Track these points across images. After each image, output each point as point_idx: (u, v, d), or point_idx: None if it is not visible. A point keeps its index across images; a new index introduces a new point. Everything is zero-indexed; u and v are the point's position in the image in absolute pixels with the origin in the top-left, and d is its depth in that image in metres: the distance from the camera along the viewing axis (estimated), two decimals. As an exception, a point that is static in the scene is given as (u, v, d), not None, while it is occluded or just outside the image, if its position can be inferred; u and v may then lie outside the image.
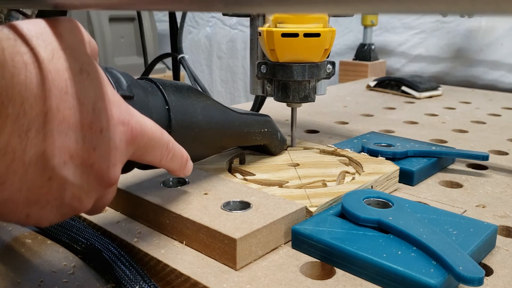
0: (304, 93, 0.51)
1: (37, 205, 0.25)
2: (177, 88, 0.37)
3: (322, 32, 0.49)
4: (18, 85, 0.22)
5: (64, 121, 0.24)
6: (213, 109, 0.40)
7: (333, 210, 0.39)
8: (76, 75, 0.25)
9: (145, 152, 0.30)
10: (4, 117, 0.21)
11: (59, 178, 0.25)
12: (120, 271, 0.32)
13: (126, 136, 0.28)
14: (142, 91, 0.33)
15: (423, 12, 0.13)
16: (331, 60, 0.53)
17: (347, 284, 0.31)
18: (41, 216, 0.26)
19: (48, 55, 0.24)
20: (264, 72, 0.52)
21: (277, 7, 0.19)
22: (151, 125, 0.30)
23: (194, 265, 0.33)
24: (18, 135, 0.22)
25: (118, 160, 0.28)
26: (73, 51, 0.26)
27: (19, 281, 0.33)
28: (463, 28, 1.22)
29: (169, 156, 0.32)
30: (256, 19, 0.54)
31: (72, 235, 0.36)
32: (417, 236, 0.33)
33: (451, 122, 0.78)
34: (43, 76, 0.23)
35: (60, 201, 0.26)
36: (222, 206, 0.37)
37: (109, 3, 0.26)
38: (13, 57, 0.22)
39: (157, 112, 0.34)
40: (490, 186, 0.49)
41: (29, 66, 0.23)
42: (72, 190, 0.26)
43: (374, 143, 0.55)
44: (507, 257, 0.36)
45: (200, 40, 1.90)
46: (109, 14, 1.61)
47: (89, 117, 0.25)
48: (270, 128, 0.49)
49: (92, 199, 0.28)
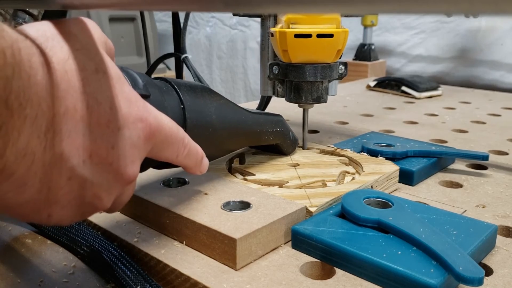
0: (317, 94, 0.51)
1: (58, 205, 0.25)
2: (191, 88, 0.37)
3: (335, 32, 0.49)
4: (35, 85, 0.22)
5: (81, 120, 0.24)
6: (226, 109, 0.40)
7: (333, 210, 0.39)
8: (92, 75, 0.25)
9: (162, 149, 0.30)
10: (22, 118, 0.21)
11: (79, 177, 0.25)
12: (121, 272, 0.32)
13: (144, 132, 0.28)
14: (158, 91, 0.34)
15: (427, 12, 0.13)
16: (343, 61, 0.52)
17: (347, 284, 0.31)
18: (63, 216, 0.26)
19: (64, 56, 0.24)
20: (276, 73, 0.52)
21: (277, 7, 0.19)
22: (167, 121, 0.30)
23: (194, 265, 0.33)
24: (37, 136, 0.22)
25: (136, 157, 0.28)
26: (88, 51, 0.26)
27: (19, 281, 0.33)
28: (463, 28, 1.22)
29: (185, 152, 0.32)
30: (267, 19, 0.54)
31: (72, 236, 0.36)
32: (417, 236, 0.33)
33: (451, 122, 0.78)
34: (59, 76, 0.24)
35: (81, 200, 0.26)
36: (222, 206, 0.37)
37: (116, 3, 0.26)
38: (30, 57, 0.22)
39: (172, 111, 0.34)
40: (490, 186, 0.49)
41: (46, 67, 0.23)
42: (92, 189, 0.26)
43: (374, 143, 0.55)
44: (507, 257, 0.36)
45: (200, 40, 1.90)
46: (109, 14, 1.61)
47: (106, 115, 0.25)
48: (283, 127, 0.49)
49: (112, 196, 0.28)
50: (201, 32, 1.89)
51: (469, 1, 0.12)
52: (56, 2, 0.27)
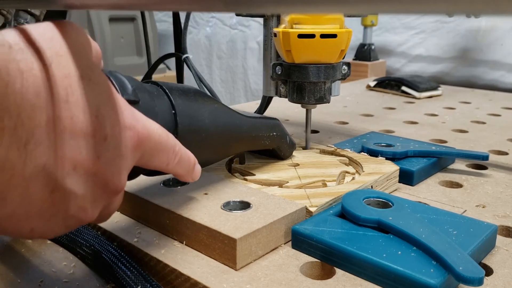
0: (320, 94, 0.51)
1: (41, 219, 0.24)
2: (184, 92, 0.36)
3: (338, 33, 0.48)
4: (13, 94, 0.21)
5: (65, 130, 0.23)
6: (220, 113, 0.39)
7: (333, 210, 0.39)
8: (77, 82, 0.24)
9: (152, 157, 0.29)
10: (0, 130, 0.20)
11: (63, 190, 0.24)
12: (121, 272, 0.32)
13: (132, 141, 0.27)
14: (148, 95, 0.32)
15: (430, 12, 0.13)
16: (346, 61, 0.52)
17: (347, 284, 0.31)
18: (46, 230, 0.25)
19: (46, 62, 0.23)
20: (279, 73, 0.52)
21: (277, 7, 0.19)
22: (156, 128, 0.29)
23: (194, 265, 0.33)
24: (16, 148, 0.21)
25: (123, 167, 0.26)
26: (72, 57, 0.24)
27: (19, 281, 0.33)
28: (463, 28, 1.22)
29: (176, 160, 0.31)
30: (270, 19, 0.54)
31: (71, 236, 0.36)
32: (417, 236, 0.33)
33: (451, 122, 0.78)
34: (40, 84, 0.22)
35: (65, 213, 0.25)
36: (222, 206, 0.37)
37: (116, 3, 0.26)
38: (7, 64, 0.21)
39: (163, 116, 0.33)
40: (490, 186, 0.49)
41: (26, 74, 0.21)
42: (77, 201, 0.24)
43: (374, 143, 0.55)
44: (507, 257, 0.36)
45: (200, 40, 1.90)
46: (109, 14, 1.61)
47: (92, 125, 0.24)
48: (279, 131, 0.48)
49: (98, 208, 0.26)
50: (201, 32, 1.89)
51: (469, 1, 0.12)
52: (57, 2, 0.27)
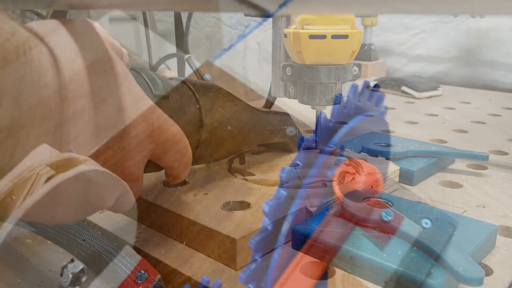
0: (331, 96, 0.51)
1: (62, 207, 0.25)
2: (206, 88, 0.38)
3: (350, 33, 0.48)
4: (46, 86, 0.22)
5: (89, 122, 0.24)
6: (240, 108, 0.41)
7: (333, 210, 0.39)
8: (100, 74, 0.25)
9: (165, 150, 0.30)
10: (32, 119, 0.21)
11: (84, 178, 0.24)
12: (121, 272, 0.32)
13: (148, 131, 0.28)
14: (175, 91, 0.34)
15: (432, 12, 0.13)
16: (357, 62, 0.52)
17: (347, 284, 0.31)
18: (65, 216, 0.26)
19: (72, 55, 0.24)
20: (289, 75, 0.52)
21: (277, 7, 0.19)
22: (171, 124, 0.30)
23: (194, 265, 0.33)
24: (45, 138, 0.22)
25: (141, 155, 0.28)
26: (96, 50, 0.26)
27: (19, 281, 0.33)
28: (463, 28, 1.22)
29: (184, 161, 0.32)
30: (279, 20, 0.54)
31: (71, 237, 0.36)
32: (417, 236, 0.33)
33: (451, 122, 0.78)
34: (68, 76, 0.23)
35: (84, 201, 0.26)
36: (222, 206, 0.37)
37: (116, 4, 0.26)
38: (40, 56, 0.22)
39: (190, 110, 0.35)
40: (490, 186, 0.49)
41: (56, 66, 0.23)
42: (96, 189, 0.26)
43: (374, 143, 0.55)
44: (507, 257, 0.35)
45: (200, 40, 1.89)
46: (109, 14, 1.61)
47: (113, 116, 0.25)
48: (290, 125, 0.50)
49: (114, 196, 0.27)
50: (201, 32, 1.89)
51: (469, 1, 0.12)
52: (57, 2, 0.27)
